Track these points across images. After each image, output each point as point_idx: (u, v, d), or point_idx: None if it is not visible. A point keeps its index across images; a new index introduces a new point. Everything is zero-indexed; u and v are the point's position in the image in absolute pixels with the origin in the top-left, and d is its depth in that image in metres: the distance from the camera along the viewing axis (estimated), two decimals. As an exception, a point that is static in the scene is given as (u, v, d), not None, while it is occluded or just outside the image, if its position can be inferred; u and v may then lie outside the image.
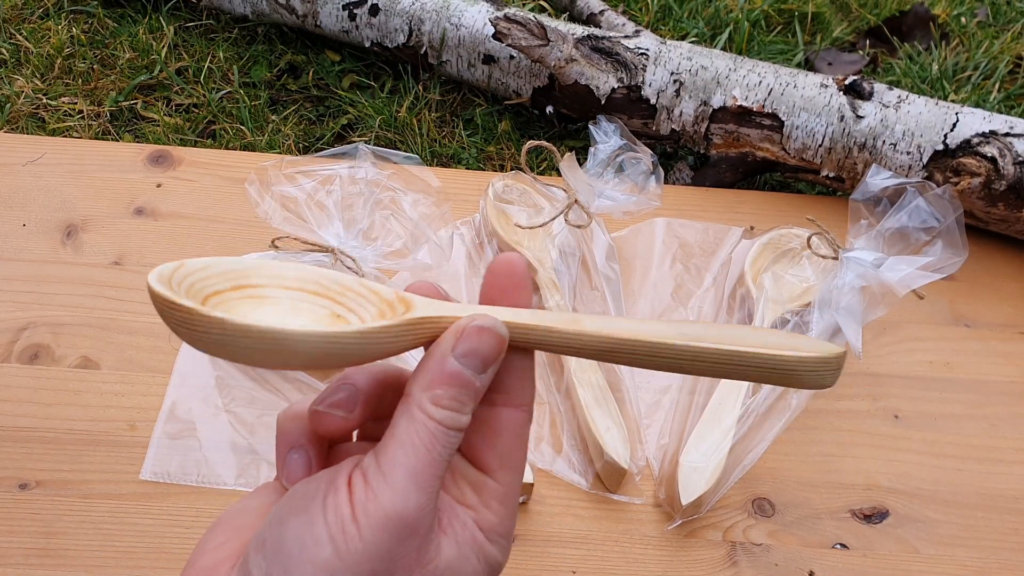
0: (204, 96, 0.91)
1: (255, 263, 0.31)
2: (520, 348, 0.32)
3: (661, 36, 0.98)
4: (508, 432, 0.32)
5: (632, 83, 0.81)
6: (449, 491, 0.31)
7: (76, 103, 0.91)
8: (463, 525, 0.31)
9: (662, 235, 0.75)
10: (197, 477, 0.58)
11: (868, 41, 1.08)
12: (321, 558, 0.27)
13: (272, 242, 0.65)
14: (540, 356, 0.66)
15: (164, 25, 0.98)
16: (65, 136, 0.87)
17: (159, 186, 0.75)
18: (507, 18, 0.81)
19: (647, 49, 0.82)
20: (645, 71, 0.81)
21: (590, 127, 0.73)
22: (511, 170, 0.84)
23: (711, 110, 0.80)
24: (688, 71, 0.80)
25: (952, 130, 0.74)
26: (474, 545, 0.31)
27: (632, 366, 0.32)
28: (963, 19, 1.12)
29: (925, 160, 0.75)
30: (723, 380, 0.63)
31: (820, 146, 0.78)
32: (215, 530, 0.31)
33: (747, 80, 0.79)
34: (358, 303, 0.32)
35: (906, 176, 0.75)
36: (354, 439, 0.35)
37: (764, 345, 0.31)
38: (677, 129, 0.83)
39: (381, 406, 0.33)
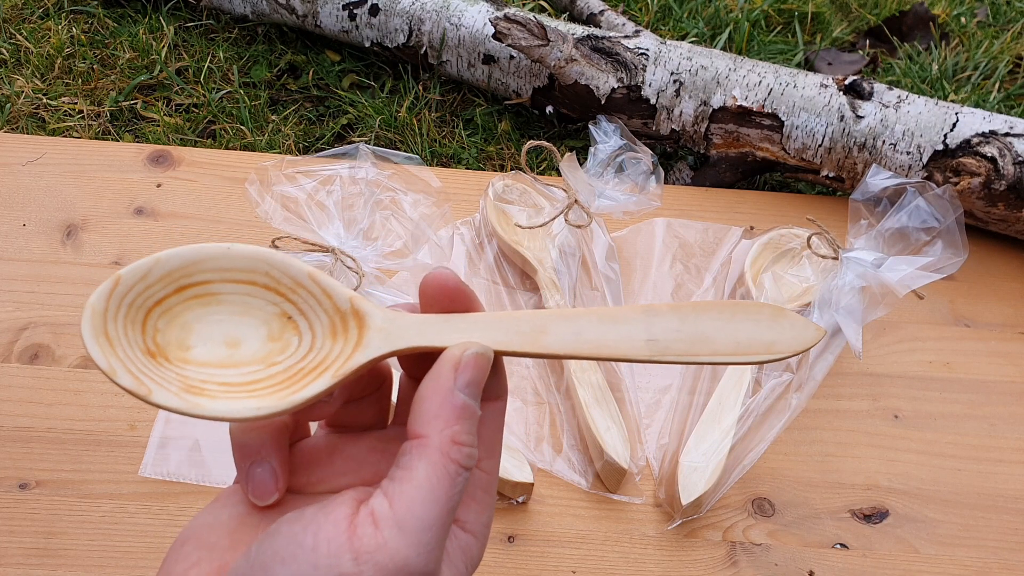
0: (204, 96, 0.92)
1: (199, 253, 0.30)
2: None
3: (661, 36, 0.98)
4: (490, 422, 0.31)
5: (632, 83, 0.81)
6: None
7: (76, 103, 0.91)
8: (449, 539, 0.30)
9: (662, 235, 0.75)
10: (196, 477, 0.58)
11: (868, 41, 1.08)
12: None
13: (272, 242, 0.65)
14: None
15: (164, 25, 0.98)
16: (65, 136, 0.87)
17: (159, 186, 0.75)
18: (507, 18, 0.81)
19: (647, 49, 0.82)
20: (645, 71, 0.81)
21: (590, 127, 0.73)
22: (511, 170, 0.84)
23: (711, 110, 0.80)
24: (688, 71, 0.80)
25: (952, 130, 0.74)
26: (461, 553, 0.30)
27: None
28: (963, 19, 1.12)
29: (925, 160, 0.75)
30: (722, 380, 0.63)
31: (820, 146, 0.78)
32: (182, 549, 0.29)
33: (747, 80, 0.79)
34: (310, 305, 0.31)
35: (906, 176, 0.75)
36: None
37: (735, 351, 0.31)
38: (677, 129, 0.83)
39: (356, 389, 0.32)
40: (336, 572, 0.26)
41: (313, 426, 0.34)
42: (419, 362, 0.31)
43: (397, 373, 0.34)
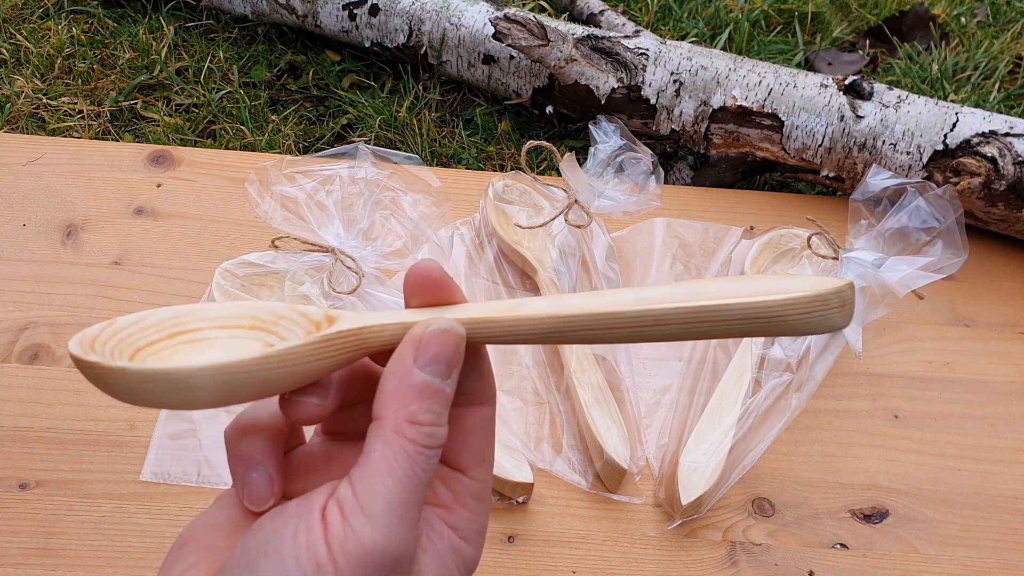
0: (204, 96, 0.92)
1: (194, 308, 0.30)
2: (471, 346, 0.30)
3: (661, 36, 0.98)
4: (478, 429, 0.31)
5: (632, 83, 0.81)
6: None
7: (76, 103, 0.91)
8: (440, 535, 0.30)
9: (662, 235, 0.75)
10: (198, 477, 0.58)
11: (868, 41, 1.08)
12: None
13: (272, 242, 0.65)
14: (540, 356, 0.66)
15: (164, 25, 0.98)
16: (65, 136, 0.87)
17: (159, 186, 0.75)
18: (507, 18, 0.81)
19: (647, 49, 0.82)
20: (645, 71, 0.81)
21: (590, 127, 0.73)
22: (511, 170, 0.84)
23: (711, 110, 0.80)
24: (688, 71, 0.80)
25: (952, 130, 0.74)
26: (452, 553, 0.30)
27: (594, 343, 0.30)
28: (963, 19, 1.12)
29: (925, 160, 0.75)
30: (722, 380, 0.63)
31: (820, 146, 0.78)
32: (181, 551, 0.30)
33: (747, 80, 0.79)
34: (288, 329, 0.31)
35: (906, 176, 0.75)
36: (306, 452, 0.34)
37: (740, 294, 0.28)
38: (677, 129, 0.83)
39: (351, 394, 0.32)
40: (315, 565, 0.26)
41: (308, 433, 0.35)
42: None
43: None
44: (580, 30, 0.84)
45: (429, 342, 0.28)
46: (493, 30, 0.85)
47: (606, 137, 0.72)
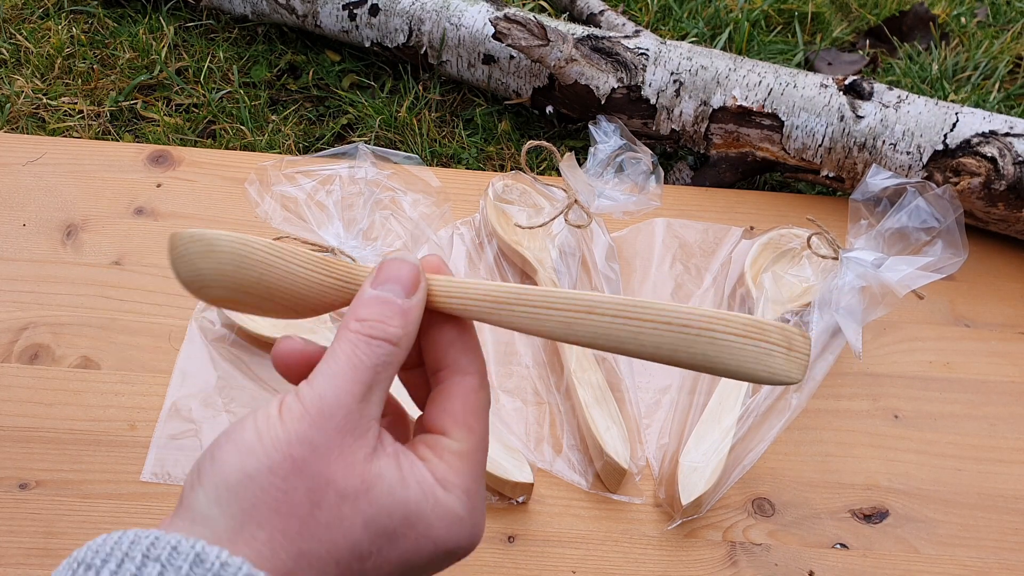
0: (204, 96, 0.92)
1: None
2: (455, 320, 0.34)
3: (661, 36, 0.98)
4: (458, 395, 0.34)
5: (632, 83, 0.81)
6: (408, 447, 0.33)
7: (76, 103, 0.91)
8: (412, 463, 0.32)
9: (662, 235, 0.75)
10: (197, 477, 0.58)
11: (868, 41, 1.08)
12: (243, 439, 0.30)
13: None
14: (540, 356, 0.66)
15: (164, 25, 0.98)
16: (65, 136, 0.87)
17: (159, 186, 0.75)
18: (507, 18, 0.81)
19: (647, 49, 0.82)
20: (645, 71, 0.81)
21: (590, 127, 0.73)
22: (511, 170, 0.84)
23: (711, 110, 0.80)
24: (688, 71, 0.80)
25: (952, 130, 0.74)
26: (423, 485, 0.31)
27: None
28: (963, 19, 1.12)
29: (925, 160, 0.75)
30: (722, 380, 0.63)
31: (820, 146, 0.78)
32: None
33: (747, 80, 0.79)
34: None
35: (906, 176, 0.75)
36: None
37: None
38: (677, 129, 0.83)
39: None
40: (266, 418, 0.30)
41: None
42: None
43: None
44: (580, 30, 0.84)
45: (381, 268, 0.34)
46: (493, 30, 0.85)
47: (606, 137, 0.72)
